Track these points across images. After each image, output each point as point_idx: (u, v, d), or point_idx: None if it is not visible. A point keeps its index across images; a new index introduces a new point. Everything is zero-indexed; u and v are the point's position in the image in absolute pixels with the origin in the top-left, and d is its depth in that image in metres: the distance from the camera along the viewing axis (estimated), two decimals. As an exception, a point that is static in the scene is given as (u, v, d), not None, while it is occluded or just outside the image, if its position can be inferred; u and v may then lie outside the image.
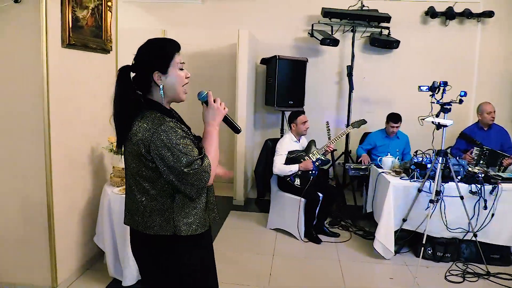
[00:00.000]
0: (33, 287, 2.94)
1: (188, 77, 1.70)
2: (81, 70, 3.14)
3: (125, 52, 3.34)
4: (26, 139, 2.80)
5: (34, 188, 2.83)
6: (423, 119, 3.52)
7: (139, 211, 1.66)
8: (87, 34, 3.16)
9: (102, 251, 3.30)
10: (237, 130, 1.85)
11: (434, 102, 3.48)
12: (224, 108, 1.74)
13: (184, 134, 1.59)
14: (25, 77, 2.72)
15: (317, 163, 4.33)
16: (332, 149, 4.43)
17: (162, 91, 1.66)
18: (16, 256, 2.94)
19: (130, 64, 1.68)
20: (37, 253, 2.90)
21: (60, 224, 2.94)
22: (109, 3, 3.39)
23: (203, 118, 1.75)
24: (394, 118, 4.80)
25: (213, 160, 1.64)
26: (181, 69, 1.69)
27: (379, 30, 5.83)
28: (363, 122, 4.66)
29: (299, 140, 4.48)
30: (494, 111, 4.58)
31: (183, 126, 1.66)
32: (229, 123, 1.82)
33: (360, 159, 4.85)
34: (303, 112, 4.44)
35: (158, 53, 1.66)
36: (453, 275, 3.51)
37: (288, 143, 4.38)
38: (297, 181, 4.26)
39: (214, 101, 1.75)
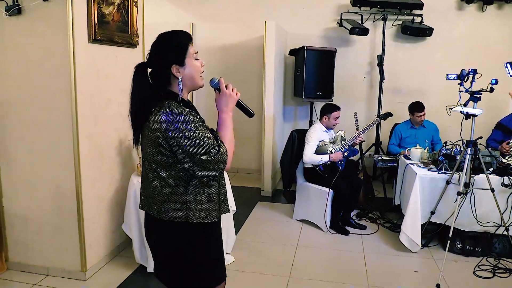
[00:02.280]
0: (64, 271, 3.11)
1: (203, 65, 1.74)
2: (108, 65, 3.24)
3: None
4: (56, 132, 2.94)
5: (65, 178, 2.98)
6: (451, 109, 3.40)
7: (154, 196, 1.71)
8: (113, 29, 3.26)
9: (130, 238, 3.43)
10: (250, 114, 1.85)
11: (462, 91, 3.35)
12: (237, 94, 1.77)
13: (200, 123, 1.61)
14: (54, 72, 2.85)
15: (345, 154, 4.29)
16: (361, 140, 4.37)
17: (181, 83, 1.69)
18: (49, 242, 3.11)
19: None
20: (68, 239, 3.06)
21: (89, 212, 3.08)
22: (134, -1, 3.48)
23: (216, 105, 1.78)
24: (418, 107, 4.69)
25: (229, 146, 1.68)
26: (196, 59, 1.72)
27: (411, 17, 5.65)
28: (389, 114, 4.56)
29: (328, 131, 4.44)
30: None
31: (199, 115, 1.68)
32: (242, 108, 1.83)
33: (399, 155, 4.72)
34: (339, 108, 4.38)
35: (173, 46, 1.68)
36: (482, 270, 3.39)
37: (319, 132, 4.35)
38: (326, 171, 4.24)
39: (226, 88, 1.77)
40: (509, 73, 3.10)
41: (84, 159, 2.99)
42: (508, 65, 3.10)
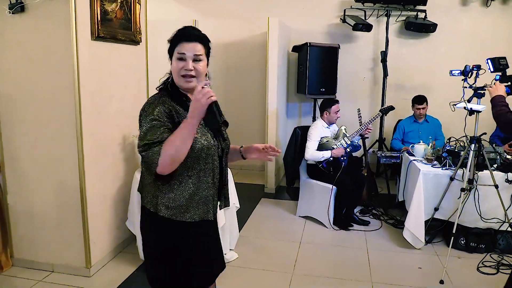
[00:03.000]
0: (69, 267, 3.13)
1: (187, 69, 1.68)
2: (111, 62, 3.25)
3: (156, 43, 3.44)
4: (60, 128, 2.96)
5: (69, 174, 3.00)
6: (455, 105, 3.38)
7: (141, 181, 1.80)
8: (117, 27, 3.27)
9: (134, 235, 3.45)
10: (215, 123, 1.64)
11: (466, 87, 3.33)
12: (209, 98, 1.54)
13: (157, 117, 1.60)
14: (57, 70, 2.86)
15: (348, 149, 4.29)
16: (370, 131, 4.39)
17: (170, 75, 1.74)
18: (53, 238, 3.13)
19: (162, 55, 1.79)
20: (72, 235, 3.08)
21: (93, 209, 3.10)
22: (137, -4, 3.48)
23: None
24: (417, 100, 4.70)
25: (168, 150, 1.55)
26: (180, 59, 1.69)
27: (414, 13, 5.62)
28: (391, 108, 4.57)
29: (329, 126, 4.44)
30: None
31: (173, 111, 1.66)
32: (212, 114, 1.60)
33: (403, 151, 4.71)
34: (337, 102, 4.40)
35: (169, 39, 1.73)
36: (486, 266, 3.38)
37: (320, 129, 4.35)
38: (329, 167, 4.25)
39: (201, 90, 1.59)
40: (490, 69, 3.12)
41: (88, 156, 3.00)
42: (489, 61, 3.12)
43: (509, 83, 2.99)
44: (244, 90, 6.44)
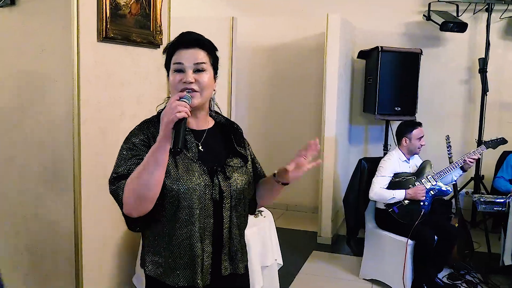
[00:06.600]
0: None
1: (186, 81, 1.63)
2: (122, 69, 3.24)
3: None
4: (54, 151, 2.94)
5: (62, 212, 2.95)
6: None
7: None
8: (131, 25, 3.27)
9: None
10: (173, 146, 1.47)
11: None
12: (179, 112, 1.46)
13: (132, 147, 1.68)
14: (53, 77, 2.87)
15: (431, 192, 4.09)
16: (474, 160, 4.17)
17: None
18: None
19: None
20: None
21: (89, 257, 3.03)
22: (159, -14, 3.49)
23: None
24: None
25: (129, 186, 1.55)
26: (178, 71, 1.65)
27: (527, 7, 5.39)
28: (503, 141, 4.31)
29: (409, 160, 4.28)
30: None
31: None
32: (176, 134, 1.48)
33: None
34: (420, 124, 4.24)
35: (165, 48, 1.75)
36: None
37: (395, 162, 4.21)
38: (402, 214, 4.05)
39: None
40: None
41: (87, 189, 2.96)
42: None
43: None
44: (293, 107, 6.41)
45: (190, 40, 1.68)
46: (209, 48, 1.71)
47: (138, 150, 1.64)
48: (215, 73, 1.73)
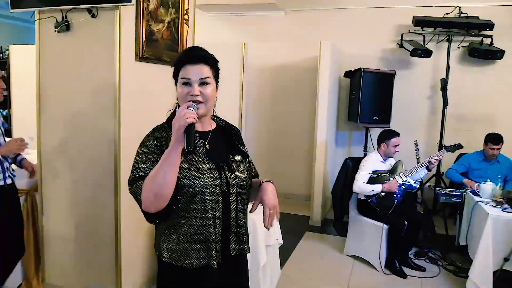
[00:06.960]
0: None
1: (193, 95, 1.55)
2: (154, 84, 3.15)
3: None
4: (99, 150, 2.86)
5: (104, 200, 2.88)
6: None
7: None
8: (162, 47, 3.18)
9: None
10: (186, 147, 1.42)
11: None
12: (188, 118, 1.40)
13: (147, 150, 1.56)
14: (99, 90, 2.80)
15: (403, 186, 3.97)
16: (437, 161, 4.03)
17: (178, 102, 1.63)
18: (86, 264, 3.02)
19: None
20: (105, 263, 2.94)
21: (126, 237, 2.95)
22: (185, 17, 3.39)
23: None
24: (494, 139, 4.22)
25: (148, 185, 1.45)
26: (185, 84, 1.57)
27: (479, 39, 5.24)
28: (459, 146, 4.18)
29: (385, 160, 4.15)
30: None
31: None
32: (187, 136, 1.42)
33: (468, 185, 4.26)
34: (398, 135, 4.08)
35: (174, 62, 1.64)
36: None
37: (374, 162, 4.09)
38: (378, 203, 3.93)
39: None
40: None
41: (125, 182, 2.86)
42: None
43: None
44: (291, 116, 6.28)
45: (196, 56, 1.58)
46: (212, 63, 1.62)
47: (152, 153, 1.55)
48: (217, 82, 1.65)
